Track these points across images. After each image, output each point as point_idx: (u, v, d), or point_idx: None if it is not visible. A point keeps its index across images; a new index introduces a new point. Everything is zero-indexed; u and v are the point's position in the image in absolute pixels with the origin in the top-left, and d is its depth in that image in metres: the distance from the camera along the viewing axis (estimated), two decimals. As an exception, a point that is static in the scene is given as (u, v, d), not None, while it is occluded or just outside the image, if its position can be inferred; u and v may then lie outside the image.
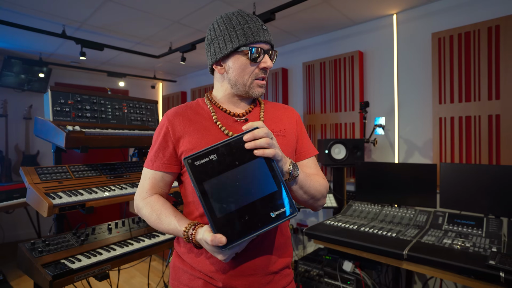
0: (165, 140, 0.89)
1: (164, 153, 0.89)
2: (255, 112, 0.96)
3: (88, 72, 4.37)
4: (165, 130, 0.89)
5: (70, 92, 1.70)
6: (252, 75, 0.87)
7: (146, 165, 0.93)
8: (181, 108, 0.93)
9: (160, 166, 0.89)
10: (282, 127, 0.95)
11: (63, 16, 2.58)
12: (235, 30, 0.85)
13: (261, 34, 0.85)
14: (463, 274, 1.35)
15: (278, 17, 2.55)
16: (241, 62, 0.86)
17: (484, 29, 2.10)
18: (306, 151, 0.99)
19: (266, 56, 0.87)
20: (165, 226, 0.84)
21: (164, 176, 0.91)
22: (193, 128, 0.88)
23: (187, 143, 0.86)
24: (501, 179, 1.81)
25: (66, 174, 1.65)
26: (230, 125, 0.91)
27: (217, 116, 0.91)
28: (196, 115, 0.92)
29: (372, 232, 1.81)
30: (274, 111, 0.99)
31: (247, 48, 0.84)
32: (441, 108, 2.31)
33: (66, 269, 1.27)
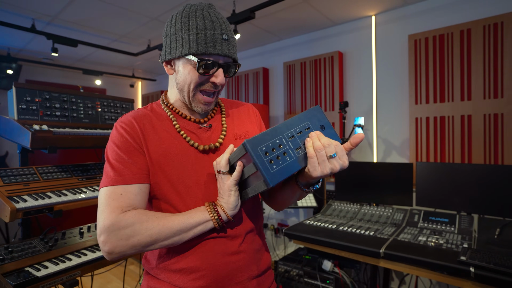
0: (131, 147, 0.75)
1: (136, 161, 0.74)
2: (217, 117, 0.89)
3: (62, 69, 4.19)
4: (126, 136, 0.75)
5: (37, 89, 1.61)
6: (197, 87, 0.77)
7: (109, 182, 0.71)
8: (138, 113, 0.82)
9: (136, 176, 0.73)
10: (244, 128, 0.91)
11: (33, 9, 2.45)
12: (189, 34, 0.73)
13: (217, 46, 0.73)
14: (436, 270, 1.38)
15: (258, 16, 2.54)
16: (189, 69, 0.75)
17: (457, 32, 2.17)
18: None
19: (220, 71, 0.76)
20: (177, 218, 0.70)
21: (142, 188, 0.74)
22: (157, 136, 0.78)
23: (154, 153, 0.77)
24: (473, 177, 1.87)
25: (33, 176, 1.56)
26: (193, 132, 0.83)
27: (179, 124, 0.82)
28: (156, 121, 0.81)
29: (350, 231, 1.82)
30: (234, 112, 0.94)
31: (195, 59, 0.73)
32: (417, 108, 2.37)
33: (30, 277, 1.20)
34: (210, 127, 0.85)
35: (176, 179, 0.77)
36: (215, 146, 0.82)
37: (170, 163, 0.77)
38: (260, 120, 0.99)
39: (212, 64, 0.74)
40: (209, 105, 0.81)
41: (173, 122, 0.81)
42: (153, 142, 0.77)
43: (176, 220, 0.70)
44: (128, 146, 0.75)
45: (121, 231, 0.66)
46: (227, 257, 0.76)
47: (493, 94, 2.04)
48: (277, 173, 0.62)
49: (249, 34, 3.07)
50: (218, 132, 0.86)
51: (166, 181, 0.76)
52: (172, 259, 0.76)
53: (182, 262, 0.75)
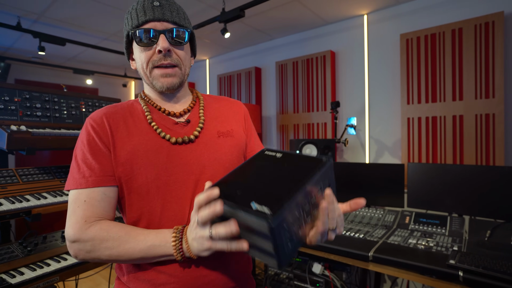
0: (96, 146, 0.71)
1: (101, 163, 0.70)
2: (196, 110, 0.84)
3: (52, 69, 4.12)
4: (93, 137, 0.72)
5: (16, 88, 1.56)
6: (149, 63, 0.74)
7: (73, 185, 0.69)
8: (109, 109, 0.78)
9: (99, 179, 0.69)
10: (229, 126, 0.85)
11: (18, 6, 2.39)
12: (128, 16, 0.75)
13: (147, 12, 0.72)
14: (425, 274, 1.36)
15: (249, 14, 2.50)
16: (137, 50, 0.75)
17: (448, 31, 2.14)
18: (257, 150, 0.90)
19: (161, 37, 0.72)
20: (139, 246, 0.65)
21: (105, 194, 0.70)
22: (126, 132, 0.74)
23: (120, 151, 0.72)
24: (464, 178, 1.85)
25: (11, 179, 1.52)
26: (169, 127, 0.77)
27: (152, 116, 0.77)
28: (127, 115, 0.77)
29: (340, 233, 1.79)
30: (218, 108, 0.88)
31: (134, 32, 0.72)
32: (409, 109, 2.34)
33: (4, 284, 1.15)
34: (188, 122, 0.80)
35: (146, 177, 0.72)
36: (189, 139, 0.76)
37: (140, 160, 0.72)
38: (250, 123, 0.93)
39: (147, 32, 0.71)
40: (168, 77, 0.75)
41: (145, 113, 0.77)
42: (121, 139, 0.73)
43: (137, 248, 0.65)
44: (94, 146, 0.71)
45: (81, 244, 0.66)
46: (197, 271, 0.71)
47: (484, 94, 2.02)
48: (291, 253, 0.52)
49: (241, 33, 3.03)
50: (195, 127, 0.80)
51: (137, 180, 0.72)
52: (142, 270, 0.72)
53: (152, 273, 0.71)
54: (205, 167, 0.76)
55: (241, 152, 0.85)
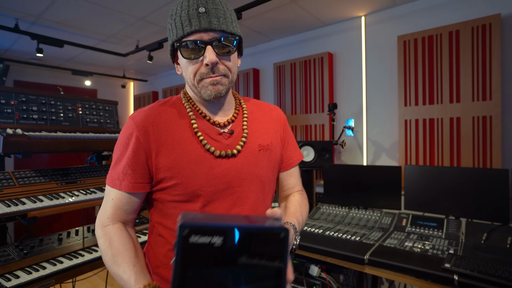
0: (135, 153, 0.72)
1: (135, 170, 0.72)
2: (240, 120, 0.83)
3: (51, 70, 4.12)
4: (134, 140, 0.72)
5: (12, 91, 1.56)
6: (197, 75, 0.72)
7: (110, 183, 0.75)
8: (153, 110, 0.76)
9: (130, 185, 0.72)
10: (269, 139, 0.84)
11: (15, 8, 2.39)
12: (171, 23, 0.72)
13: (193, 22, 0.67)
14: (421, 277, 1.36)
15: (247, 16, 2.50)
16: (183, 62, 0.73)
17: (445, 33, 2.14)
18: (292, 158, 0.92)
19: (207, 49, 0.68)
20: (118, 272, 0.68)
21: (131, 198, 0.74)
22: (170, 138, 0.73)
23: (163, 159, 0.72)
24: (461, 180, 1.85)
25: (8, 182, 1.52)
26: (213, 137, 0.76)
27: (198, 124, 0.76)
28: (172, 120, 0.76)
29: (337, 236, 1.79)
30: (260, 118, 0.87)
31: (180, 44, 0.70)
32: (407, 110, 2.34)
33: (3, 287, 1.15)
34: (232, 133, 0.79)
35: (186, 187, 0.72)
36: (232, 153, 0.76)
37: (182, 169, 0.72)
38: (289, 131, 0.93)
39: (193, 44, 0.68)
40: (217, 85, 0.72)
41: (191, 121, 0.76)
42: (165, 146, 0.73)
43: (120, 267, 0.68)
44: (132, 151, 0.72)
45: (97, 237, 0.75)
46: None
47: (481, 96, 2.02)
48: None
49: (239, 34, 3.03)
50: (238, 139, 0.79)
51: (177, 189, 0.73)
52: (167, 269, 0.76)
53: None
54: (244, 180, 0.77)
55: (277, 165, 0.87)
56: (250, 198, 0.78)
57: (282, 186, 0.93)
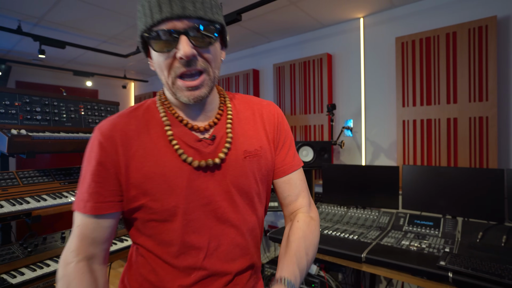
0: (102, 167, 0.62)
1: (102, 187, 0.62)
2: (223, 122, 0.71)
3: (52, 70, 4.15)
4: (100, 153, 0.63)
5: (16, 93, 1.59)
6: (171, 72, 0.61)
7: (75, 205, 0.65)
8: (122, 118, 0.67)
9: (96, 206, 0.62)
10: (257, 143, 0.73)
11: (18, 10, 2.42)
12: (140, 9, 0.60)
13: (163, 7, 0.56)
14: (416, 275, 1.39)
15: (246, 18, 2.53)
16: (154, 55, 0.62)
17: (443, 35, 2.17)
18: (285, 164, 0.77)
19: (181, 39, 0.57)
20: None
21: (99, 223, 0.63)
22: (141, 149, 0.64)
23: (134, 173, 0.63)
24: (458, 180, 1.87)
25: (12, 181, 1.55)
26: (191, 146, 0.66)
27: (173, 131, 0.66)
28: (145, 127, 0.66)
29: (335, 235, 1.82)
30: (248, 118, 0.75)
31: (149, 35, 0.59)
32: (405, 111, 2.37)
33: (5, 284, 1.19)
34: (213, 139, 0.68)
35: (162, 204, 0.64)
36: (214, 163, 0.66)
37: (156, 184, 0.63)
38: (284, 131, 0.79)
39: (165, 34, 0.57)
40: (195, 90, 0.61)
41: (165, 127, 0.66)
42: (135, 159, 0.63)
43: None
44: (98, 166, 0.63)
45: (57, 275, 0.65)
46: None
47: (478, 97, 2.05)
48: None
49: (239, 36, 3.06)
50: (222, 145, 0.69)
51: (153, 206, 0.64)
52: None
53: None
54: (228, 193, 0.68)
55: (268, 172, 0.76)
56: (237, 213, 0.69)
57: (281, 196, 0.79)
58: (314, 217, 0.78)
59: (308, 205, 0.79)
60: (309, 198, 0.80)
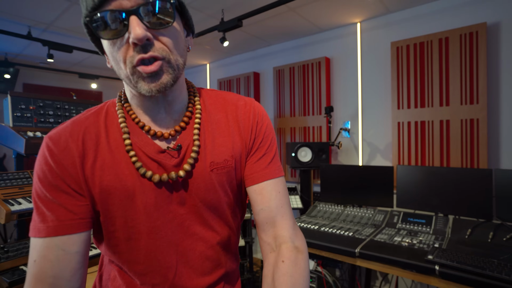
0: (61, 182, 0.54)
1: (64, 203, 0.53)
2: (191, 128, 0.62)
3: (58, 73, 4.27)
4: (56, 167, 0.54)
5: (31, 97, 1.69)
6: (127, 62, 0.51)
7: (32, 232, 0.53)
8: (77, 125, 0.58)
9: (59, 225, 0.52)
10: (228, 153, 0.63)
11: (29, 17, 2.53)
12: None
13: None
14: (406, 268, 1.48)
15: (247, 23, 2.63)
16: (104, 45, 0.54)
17: (436, 40, 2.26)
18: (257, 172, 0.65)
19: (132, 20, 0.48)
20: None
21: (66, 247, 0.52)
22: (100, 161, 0.56)
23: (94, 187, 0.56)
24: (449, 180, 1.96)
25: (27, 180, 1.65)
26: (152, 157, 0.58)
27: (132, 140, 0.58)
28: (104, 134, 0.58)
29: (331, 232, 1.91)
30: (219, 121, 0.65)
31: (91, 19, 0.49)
32: (400, 113, 2.46)
33: (25, 275, 1.28)
34: (178, 149, 0.60)
35: (125, 221, 0.58)
36: (178, 175, 0.58)
37: (116, 201, 0.57)
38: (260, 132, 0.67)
39: (111, 16, 0.48)
40: (154, 78, 0.52)
41: (123, 135, 0.58)
42: (93, 171, 0.56)
43: None
44: (53, 179, 0.54)
45: None
46: None
47: (469, 100, 2.13)
48: None
49: (240, 39, 3.15)
50: (187, 155, 0.61)
51: (115, 223, 0.58)
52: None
53: None
54: (194, 207, 0.62)
55: (239, 183, 0.68)
56: (205, 225, 0.63)
57: (254, 210, 0.66)
58: (300, 248, 0.63)
59: (292, 229, 0.65)
60: (291, 219, 0.66)
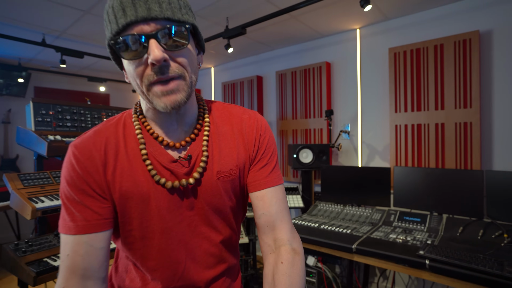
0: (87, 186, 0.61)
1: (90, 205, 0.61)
2: (200, 140, 0.70)
3: (68, 76, 4.41)
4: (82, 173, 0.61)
5: (51, 103, 1.82)
6: (144, 79, 0.58)
7: (62, 228, 0.61)
8: (99, 135, 0.65)
9: (88, 224, 0.60)
10: (232, 162, 0.71)
11: (43, 26, 2.67)
12: (106, 17, 0.58)
13: (128, 11, 0.53)
14: (399, 263, 1.58)
15: (250, 30, 2.74)
16: (125, 64, 0.60)
17: (431, 46, 2.36)
18: (258, 180, 0.73)
19: (152, 44, 0.54)
20: None
21: (93, 243, 0.60)
22: (119, 169, 0.63)
23: (114, 192, 0.63)
24: (444, 180, 2.06)
25: (47, 180, 1.78)
26: (165, 166, 0.66)
27: (148, 150, 0.65)
28: (122, 144, 0.65)
29: (330, 229, 2.02)
30: (226, 133, 0.73)
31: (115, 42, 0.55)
32: (397, 116, 2.57)
33: (49, 266, 1.41)
34: (189, 159, 0.67)
35: (141, 222, 0.65)
36: (188, 182, 0.66)
37: (133, 204, 0.64)
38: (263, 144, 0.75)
39: (133, 40, 0.54)
40: (171, 95, 0.58)
41: (140, 146, 0.65)
42: (114, 177, 0.63)
43: None
44: (80, 184, 0.61)
45: None
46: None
47: (463, 104, 2.23)
48: None
49: (244, 44, 3.27)
50: (197, 165, 0.68)
51: (131, 224, 0.66)
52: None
53: None
54: (201, 210, 0.70)
55: (241, 190, 0.76)
56: (209, 226, 0.72)
57: (255, 214, 0.74)
58: (297, 250, 0.71)
59: (290, 232, 0.73)
60: (289, 223, 0.74)
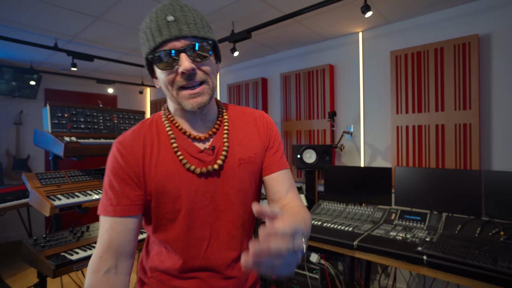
0: (124, 175, 0.73)
1: (127, 191, 0.73)
2: (221, 133, 0.82)
3: (77, 78, 4.53)
4: (124, 164, 0.74)
5: (66, 106, 1.92)
6: (174, 85, 0.71)
7: (102, 211, 0.73)
8: (137, 133, 0.78)
9: (125, 209, 0.72)
10: (251, 150, 0.84)
11: (56, 30, 2.77)
12: (143, 36, 0.72)
13: (163, 31, 0.67)
14: (399, 259, 1.65)
15: (255, 34, 2.82)
16: (159, 72, 0.72)
17: (432, 49, 2.42)
18: (272, 164, 0.86)
19: (181, 57, 0.68)
20: None
21: (127, 224, 0.72)
22: (155, 161, 0.75)
23: (151, 180, 0.75)
24: (444, 180, 2.12)
25: (63, 179, 1.87)
26: (194, 156, 0.78)
27: (178, 144, 0.77)
28: (155, 140, 0.78)
29: (333, 227, 2.09)
30: (242, 128, 0.86)
31: (153, 56, 0.70)
32: (398, 118, 2.63)
33: (66, 260, 1.50)
34: (213, 149, 0.79)
35: (173, 205, 0.76)
36: (213, 168, 0.77)
37: (167, 190, 0.75)
38: (273, 137, 0.88)
39: (167, 54, 0.68)
40: (197, 97, 0.72)
41: (171, 140, 0.77)
42: (151, 168, 0.75)
43: None
44: (122, 174, 0.73)
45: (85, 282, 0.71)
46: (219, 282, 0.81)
47: (462, 106, 2.29)
48: None
49: (249, 47, 3.35)
50: (219, 154, 0.80)
51: (165, 208, 0.77)
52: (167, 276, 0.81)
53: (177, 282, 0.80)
54: (225, 194, 0.80)
55: (258, 174, 0.87)
56: (232, 209, 0.81)
57: (269, 193, 0.86)
58: (307, 211, 0.81)
59: (298, 200, 0.84)
60: (298, 195, 0.87)
